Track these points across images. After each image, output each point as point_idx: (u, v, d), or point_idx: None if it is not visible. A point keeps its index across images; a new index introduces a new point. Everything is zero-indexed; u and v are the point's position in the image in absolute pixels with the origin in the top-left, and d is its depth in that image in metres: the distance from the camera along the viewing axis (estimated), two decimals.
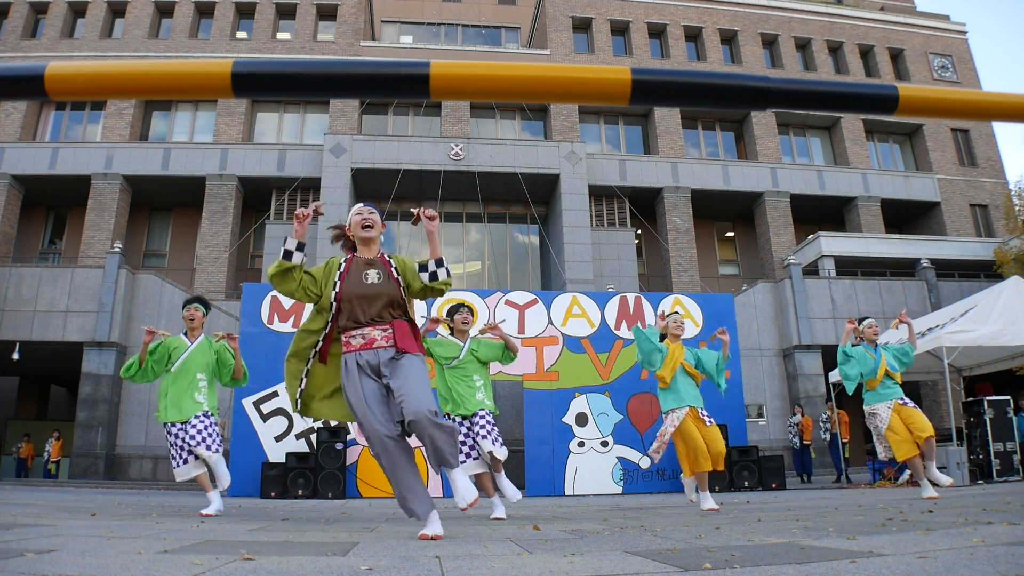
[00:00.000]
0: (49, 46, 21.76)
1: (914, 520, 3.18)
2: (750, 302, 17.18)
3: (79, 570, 1.84)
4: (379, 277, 3.23)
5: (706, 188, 21.57)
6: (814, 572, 1.74)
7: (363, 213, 3.35)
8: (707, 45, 24.10)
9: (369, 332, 3.16)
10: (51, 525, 3.35)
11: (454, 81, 1.48)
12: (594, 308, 11.35)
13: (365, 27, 24.10)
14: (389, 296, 3.21)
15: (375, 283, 3.21)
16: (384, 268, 3.27)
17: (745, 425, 11.47)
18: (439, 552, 2.38)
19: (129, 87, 1.49)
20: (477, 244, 21.55)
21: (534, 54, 23.85)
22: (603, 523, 3.81)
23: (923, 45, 25.29)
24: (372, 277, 3.22)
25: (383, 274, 3.25)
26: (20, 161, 19.86)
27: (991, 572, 1.63)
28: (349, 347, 3.19)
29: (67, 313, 15.43)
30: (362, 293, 3.18)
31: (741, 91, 1.53)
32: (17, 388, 22.09)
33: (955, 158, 23.74)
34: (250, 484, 9.62)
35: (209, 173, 20.13)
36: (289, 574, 1.83)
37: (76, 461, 14.73)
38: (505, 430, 13.57)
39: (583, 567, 1.97)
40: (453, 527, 3.73)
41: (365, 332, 3.16)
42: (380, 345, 3.14)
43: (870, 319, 6.22)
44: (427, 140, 20.06)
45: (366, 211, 3.36)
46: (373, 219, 3.35)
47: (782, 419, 15.98)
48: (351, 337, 3.18)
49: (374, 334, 3.16)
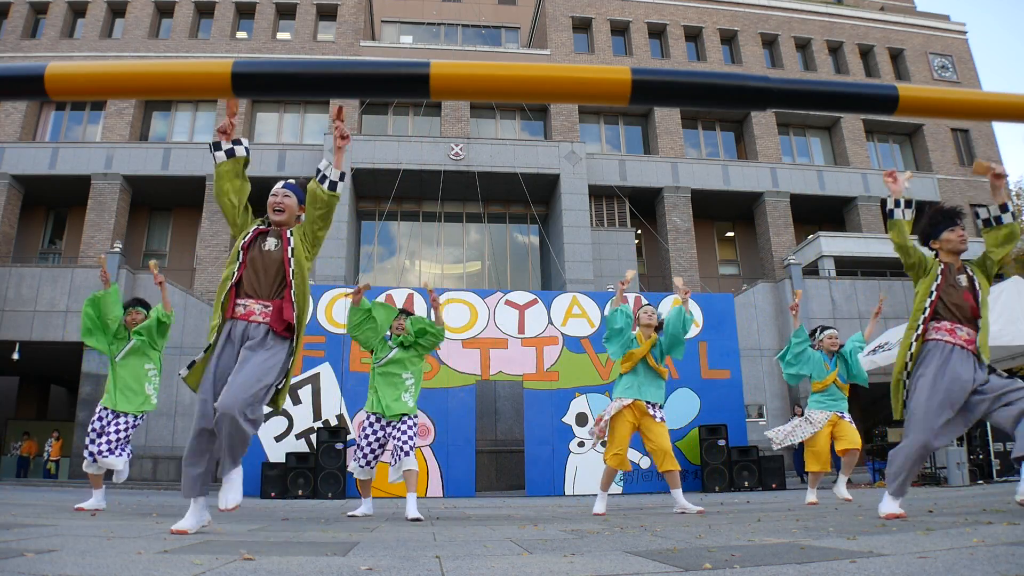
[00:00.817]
0: (49, 46, 21.75)
1: (914, 520, 3.18)
2: (750, 302, 17.18)
3: (79, 570, 1.84)
4: (275, 245, 3.32)
5: (706, 188, 21.56)
6: (814, 572, 1.73)
7: (278, 195, 3.42)
8: (707, 45, 24.10)
9: (251, 304, 3.23)
10: (51, 525, 3.35)
11: (454, 81, 1.48)
12: (594, 308, 11.35)
13: (365, 27, 24.10)
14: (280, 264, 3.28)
15: (271, 250, 3.31)
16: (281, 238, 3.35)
17: (745, 425, 11.48)
18: (439, 552, 2.38)
19: (129, 87, 1.50)
20: (477, 244, 21.55)
21: (534, 54, 23.85)
22: (603, 523, 3.81)
23: (923, 45, 25.29)
24: (269, 244, 3.32)
25: (279, 243, 3.33)
26: (20, 161, 19.86)
27: (991, 572, 1.63)
28: (230, 313, 3.24)
29: (67, 313, 15.43)
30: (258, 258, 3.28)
31: (741, 91, 1.53)
32: (17, 388, 22.09)
33: (955, 158, 23.75)
34: (250, 484, 9.62)
35: (209, 173, 20.11)
36: (289, 574, 1.83)
37: (76, 461, 14.72)
38: (505, 430, 13.62)
39: (583, 567, 1.97)
40: (453, 527, 3.72)
41: (248, 303, 3.23)
42: (256, 320, 3.20)
43: (832, 330, 6.24)
44: (427, 140, 20.06)
45: (281, 193, 3.42)
46: (285, 203, 3.40)
47: (782, 419, 15.97)
48: (236, 304, 3.24)
49: (254, 307, 3.22)
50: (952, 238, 3.68)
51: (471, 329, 11.01)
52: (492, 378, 11.06)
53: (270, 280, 3.27)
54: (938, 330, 3.53)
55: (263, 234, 3.37)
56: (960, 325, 3.51)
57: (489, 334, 10.99)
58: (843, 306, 17.16)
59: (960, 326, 3.51)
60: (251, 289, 3.26)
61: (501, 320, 11.13)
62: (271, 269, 3.28)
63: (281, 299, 3.25)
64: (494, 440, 13.33)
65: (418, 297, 11.18)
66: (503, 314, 11.20)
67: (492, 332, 11.01)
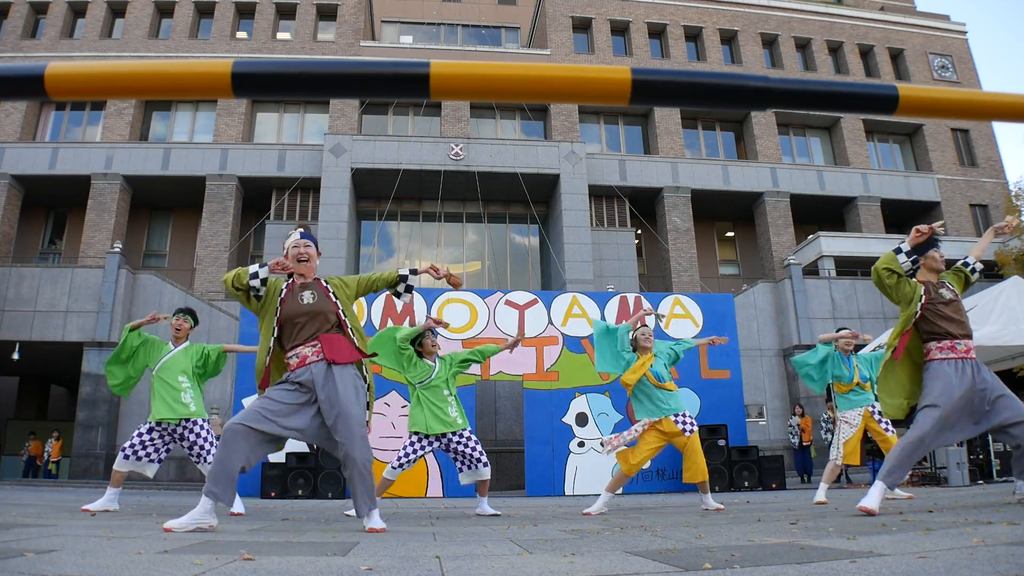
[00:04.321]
0: (49, 46, 21.75)
1: (914, 520, 3.18)
2: (750, 302, 17.18)
3: (79, 570, 1.84)
4: (314, 297, 3.49)
5: (706, 188, 21.57)
6: (814, 572, 1.73)
7: (300, 247, 3.60)
8: (707, 45, 24.10)
9: (302, 351, 3.39)
10: (51, 525, 3.35)
11: (454, 81, 1.47)
12: (594, 308, 11.35)
13: (365, 27, 24.10)
14: (324, 314, 3.46)
15: (310, 303, 3.47)
16: (319, 289, 3.54)
17: (745, 425, 11.48)
18: (439, 552, 2.38)
19: (129, 87, 1.49)
20: (477, 244, 21.54)
21: (534, 54, 23.85)
22: (603, 523, 3.81)
23: (923, 45, 25.29)
24: (307, 298, 3.48)
25: (318, 294, 3.51)
26: (20, 161, 19.85)
27: (991, 572, 1.63)
28: (289, 367, 3.42)
29: (67, 313, 15.43)
30: (299, 312, 3.43)
31: (741, 91, 1.53)
32: (17, 388, 22.09)
33: (955, 158, 23.74)
34: (250, 484, 9.62)
35: (209, 173, 20.12)
36: (289, 574, 1.82)
37: (76, 461, 14.73)
38: (505, 430, 13.62)
39: (583, 567, 1.97)
40: (453, 527, 3.73)
41: (299, 352, 3.40)
42: (311, 360, 3.37)
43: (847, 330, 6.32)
44: (427, 140, 20.06)
45: (302, 244, 3.62)
46: (308, 252, 3.61)
47: (782, 419, 15.98)
48: (288, 358, 3.43)
49: (305, 351, 3.39)
50: (936, 255, 4.07)
51: (471, 329, 11.01)
52: (492, 378, 11.06)
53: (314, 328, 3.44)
54: (941, 349, 3.79)
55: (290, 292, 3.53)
56: (957, 340, 3.79)
57: (489, 334, 10.99)
58: (843, 306, 17.16)
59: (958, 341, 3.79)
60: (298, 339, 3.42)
61: (501, 320, 11.13)
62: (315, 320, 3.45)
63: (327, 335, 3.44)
64: (494, 440, 13.34)
65: (418, 297, 11.18)
66: (503, 314, 11.20)
67: (492, 332, 11.01)
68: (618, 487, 5.19)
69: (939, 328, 3.80)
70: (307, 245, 3.61)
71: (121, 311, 15.45)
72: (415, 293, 11.25)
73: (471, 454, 5.08)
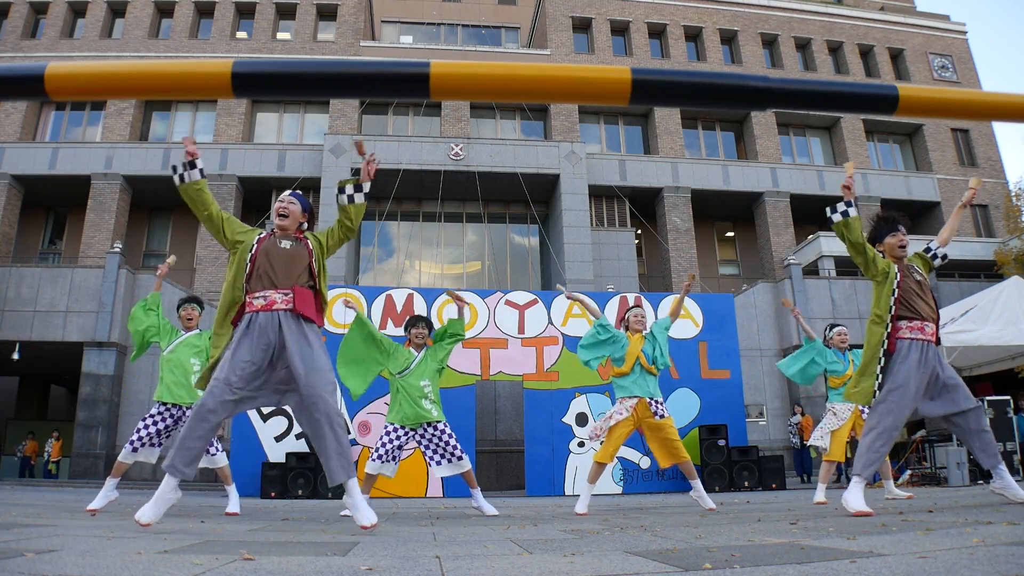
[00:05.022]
0: (49, 46, 21.75)
1: (914, 520, 3.18)
2: (750, 302, 17.18)
3: (79, 570, 1.84)
4: (291, 244, 3.48)
5: (706, 188, 21.56)
6: (814, 572, 1.73)
7: (283, 202, 3.58)
8: (707, 45, 24.10)
9: (272, 295, 3.33)
10: (51, 525, 3.35)
11: (454, 81, 1.47)
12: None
13: (365, 27, 24.10)
14: (299, 259, 3.44)
15: (287, 247, 3.45)
16: (298, 240, 3.52)
17: (745, 425, 11.48)
18: (439, 552, 2.38)
19: (129, 87, 1.49)
20: (477, 244, 21.54)
21: (534, 54, 23.85)
22: (603, 523, 3.81)
23: (923, 45, 25.29)
24: (285, 244, 3.47)
25: (296, 244, 3.50)
26: (20, 161, 19.85)
27: (991, 572, 1.63)
28: (251, 307, 3.34)
29: (67, 313, 15.42)
30: (275, 253, 3.40)
31: (741, 91, 1.53)
32: (17, 388, 22.09)
33: (955, 158, 23.74)
34: (250, 484, 9.62)
35: (209, 173, 20.08)
36: (289, 574, 1.82)
37: (76, 461, 14.73)
38: (505, 430, 13.61)
39: (583, 567, 1.97)
40: (453, 527, 3.73)
41: (268, 295, 3.33)
42: (279, 307, 3.31)
43: (841, 327, 6.35)
44: (427, 140, 20.06)
45: (287, 200, 3.59)
46: (291, 209, 3.57)
47: (782, 419, 15.98)
48: (254, 298, 3.34)
49: (275, 296, 3.33)
50: (893, 242, 4.01)
51: (471, 329, 11.00)
52: (492, 378, 11.06)
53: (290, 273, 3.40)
54: (911, 329, 3.82)
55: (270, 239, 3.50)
56: (926, 322, 3.84)
57: (489, 334, 10.99)
58: (843, 306, 17.16)
59: (927, 323, 3.84)
60: (268, 282, 3.36)
61: (501, 320, 11.13)
62: (290, 264, 3.41)
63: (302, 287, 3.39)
64: (494, 440, 13.33)
65: (418, 297, 11.18)
66: (503, 314, 11.20)
67: (492, 332, 11.01)
68: (597, 478, 5.18)
69: (911, 307, 3.84)
70: (292, 202, 3.59)
71: (121, 311, 15.45)
72: (415, 293, 11.30)
73: (445, 447, 5.06)
